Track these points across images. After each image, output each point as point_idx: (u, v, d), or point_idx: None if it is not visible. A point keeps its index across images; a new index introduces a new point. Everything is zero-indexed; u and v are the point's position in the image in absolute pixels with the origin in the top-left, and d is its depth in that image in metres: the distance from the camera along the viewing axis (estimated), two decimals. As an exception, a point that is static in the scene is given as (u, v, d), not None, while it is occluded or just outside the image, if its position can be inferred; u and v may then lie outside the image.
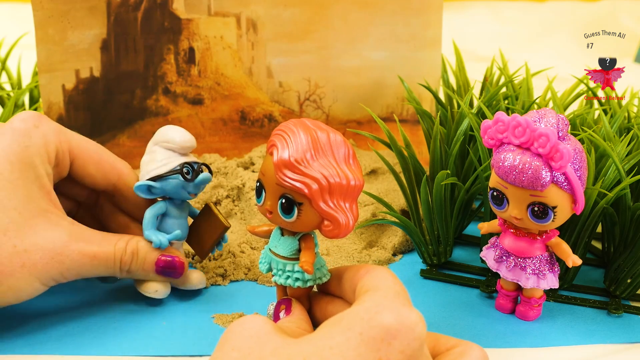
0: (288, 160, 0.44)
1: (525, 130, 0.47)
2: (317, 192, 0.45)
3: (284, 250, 0.49)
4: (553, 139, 0.46)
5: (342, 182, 0.45)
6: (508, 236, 0.53)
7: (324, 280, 0.49)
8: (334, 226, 0.46)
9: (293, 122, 0.46)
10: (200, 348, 0.51)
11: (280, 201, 0.46)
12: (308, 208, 0.45)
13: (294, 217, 0.46)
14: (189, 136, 0.54)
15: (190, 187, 0.53)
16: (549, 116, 0.48)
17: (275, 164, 0.45)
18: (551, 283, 0.53)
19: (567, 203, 0.49)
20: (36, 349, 0.50)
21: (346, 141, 0.47)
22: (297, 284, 0.49)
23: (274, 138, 0.46)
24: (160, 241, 0.53)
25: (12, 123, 0.51)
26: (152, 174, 0.53)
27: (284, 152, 0.45)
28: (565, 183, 0.48)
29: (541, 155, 0.47)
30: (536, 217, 0.49)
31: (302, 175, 0.44)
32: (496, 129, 0.49)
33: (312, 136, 0.45)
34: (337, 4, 0.73)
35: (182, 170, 0.52)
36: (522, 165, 0.47)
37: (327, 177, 0.45)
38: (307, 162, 0.45)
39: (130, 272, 0.53)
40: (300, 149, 0.45)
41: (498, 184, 0.50)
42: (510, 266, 0.53)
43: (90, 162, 0.54)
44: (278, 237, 0.49)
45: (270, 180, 0.46)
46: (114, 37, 0.71)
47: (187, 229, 0.56)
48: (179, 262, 0.54)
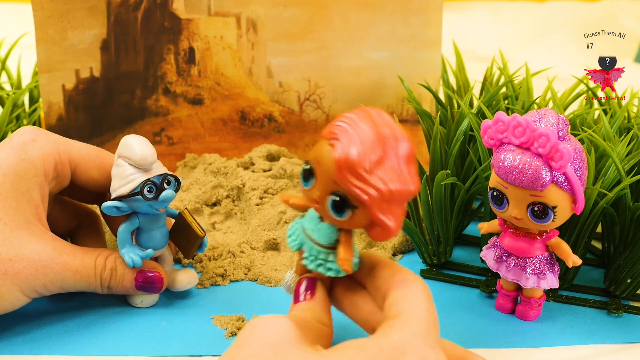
0: (352, 161, 0.40)
1: (525, 130, 0.47)
2: (377, 200, 0.41)
3: (321, 237, 0.45)
4: (553, 139, 0.46)
5: (402, 188, 0.41)
6: (508, 236, 0.53)
7: (356, 269, 0.46)
8: (384, 231, 0.43)
9: (359, 115, 0.42)
10: (200, 348, 0.51)
11: (333, 198, 0.42)
12: (362, 212, 0.42)
13: (345, 218, 0.42)
14: (149, 150, 0.51)
15: (155, 204, 0.52)
16: (549, 116, 0.48)
17: (336, 161, 0.41)
18: (551, 283, 0.53)
19: (567, 203, 0.49)
20: (36, 349, 0.50)
21: (409, 138, 0.43)
22: (330, 273, 0.45)
23: (337, 129, 0.42)
24: (133, 260, 0.53)
25: (12, 139, 0.52)
26: (118, 192, 0.52)
27: (349, 150, 0.41)
28: (565, 183, 0.48)
29: (541, 155, 0.47)
30: (536, 217, 0.49)
31: (364, 182, 0.41)
32: (496, 128, 0.49)
33: (378, 134, 0.41)
34: (337, 4, 0.73)
35: (143, 190, 0.51)
36: (522, 165, 0.47)
37: (389, 184, 0.41)
38: (372, 166, 0.41)
39: (110, 289, 0.53)
40: (366, 149, 0.41)
41: (498, 184, 0.50)
42: (510, 266, 0.53)
43: (92, 167, 0.54)
44: (317, 221, 0.45)
45: (325, 172, 0.42)
46: (114, 37, 0.71)
47: (164, 237, 0.55)
48: (158, 277, 0.54)
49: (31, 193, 0.51)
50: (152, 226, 0.54)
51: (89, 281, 0.52)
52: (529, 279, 0.52)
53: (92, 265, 0.52)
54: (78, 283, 0.52)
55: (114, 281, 0.53)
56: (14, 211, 0.50)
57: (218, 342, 0.52)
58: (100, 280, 0.52)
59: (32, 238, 0.50)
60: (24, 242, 0.50)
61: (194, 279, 0.57)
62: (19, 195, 0.50)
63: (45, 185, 0.52)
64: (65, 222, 0.58)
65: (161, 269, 0.55)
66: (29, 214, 0.51)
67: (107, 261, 0.53)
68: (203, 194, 0.68)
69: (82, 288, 0.52)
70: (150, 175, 0.52)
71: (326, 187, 0.42)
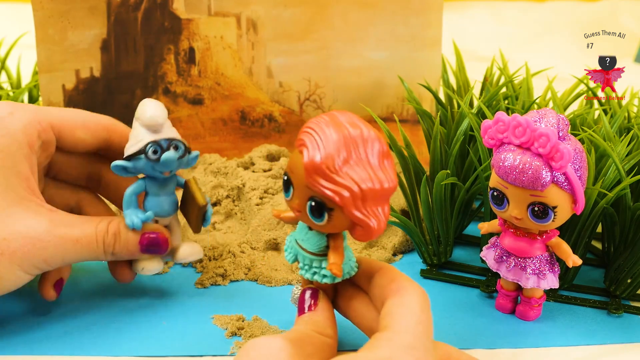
0: (319, 165, 0.41)
1: (526, 130, 0.47)
2: (349, 200, 0.42)
3: (311, 245, 0.46)
4: (553, 139, 0.46)
5: (375, 186, 0.42)
6: (508, 236, 0.53)
7: (352, 274, 0.47)
8: (365, 231, 0.43)
9: (324, 119, 0.43)
10: (200, 348, 0.51)
11: (310, 204, 0.43)
12: (339, 213, 0.43)
13: (324, 222, 0.43)
14: (159, 111, 0.51)
15: (157, 166, 0.51)
16: (549, 116, 0.48)
17: (305, 167, 0.42)
18: (551, 283, 0.53)
19: (568, 203, 0.49)
20: (36, 349, 0.50)
21: (380, 137, 0.43)
22: (325, 280, 0.46)
23: (304, 136, 0.43)
24: (132, 222, 0.52)
25: None
26: (126, 152, 0.52)
27: (315, 154, 0.41)
28: (565, 183, 0.48)
29: (541, 155, 0.47)
30: (536, 217, 0.49)
31: (333, 183, 0.41)
32: (496, 128, 0.49)
33: (344, 136, 0.42)
34: (337, 4, 0.73)
35: (146, 150, 0.51)
36: (522, 165, 0.47)
37: (360, 184, 0.41)
38: (339, 167, 0.41)
39: (114, 254, 0.52)
40: (331, 152, 0.41)
41: (498, 184, 0.50)
42: (510, 266, 0.53)
43: (76, 128, 0.53)
44: (305, 230, 0.46)
45: (299, 179, 0.43)
46: (114, 37, 0.71)
47: (171, 204, 0.54)
48: (162, 238, 0.53)
49: (19, 167, 0.50)
50: (159, 192, 0.53)
51: (91, 248, 0.51)
52: (529, 279, 0.52)
53: (92, 233, 0.51)
54: (79, 253, 0.50)
55: (118, 246, 0.52)
56: (4, 188, 0.49)
57: (218, 342, 0.52)
58: (103, 246, 0.51)
59: (27, 214, 0.49)
60: (18, 219, 0.49)
61: (197, 252, 0.56)
62: (6, 171, 0.49)
63: (33, 156, 0.51)
64: (62, 200, 0.57)
65: (164, 230, 0.53)
66: (20, 189, 0.49)
67: (110, 226, 0.52)
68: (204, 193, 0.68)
69: (85, 258, 0.51)
70: (158, 137, 0.51)
71: (303, 194, 0.43)
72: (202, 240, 0.64)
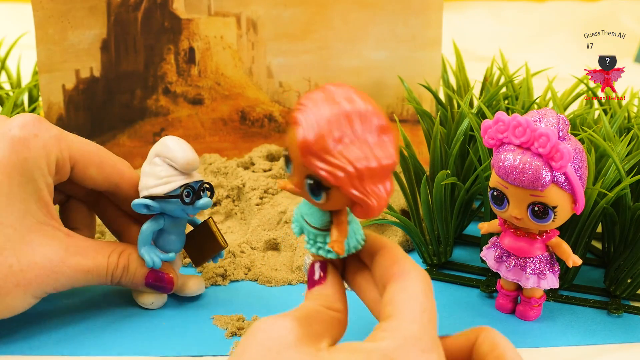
0: (311, 145, 0.40)
1: (526, 130, 0.47)
2: (345, 180, 0.40)
3: (315, 220, 0.45)
4: (553, 139, 0.46)
5: (371, 165, 0.40)
6: (508, 236, 0.53)
7: (359, 248, 0.45)
8: (365, 209, 0.41)
9: (319, 95, 0.41)
10: (200, 348, 0.51)
11: (307, 182, 0.42)
12: (337, 192, 0.41)
13: (322, 200, 0.42)
14: (193, 155, 0.51)
15: (189, 209, 0.52)
16: (549, 116, 0.48)
17: (299, 146, 0.40)
18: (551, 283, 0.53)
19: (568, 203, 0.49)
20: (36, 350, 0.50)
21: (378, 110, 0.41)
22: (330, 255, 0.45)
23: (297, 113, 0.41)
24: (153, 261, 0.53)
25: (11, 130, 0.49)
26: (152, 192, 0.51)
27: (307, 133, 0.40)
28: (565, 183, 0.48)
29: (541, 155, 0.47)
30: (536, 217, 0.49)
31: (327, 163, 0.40)
32: (496, 128, 0.49)
33: (338, 112, 0.40)
34: (337, 4, 0.73)
35: (182, 194, 0.51)
36: (522, 165, 0.47)
37: (355, 163, 0.40)
38: (333, 146, 0.40)
39: (120, 284, 0.53)
40: (324, 131, 0.40)
41: (498, 184, 0.50)
42: (510, 266, 0.53)
43: (91, 165, 0.53)
44: (310, 205, 0.45)
45: (296, 156, 0.41)
46: (114, 37, 0.71)
47: (180, 242, 0.55)
48: (169, 279, 0.54)
49: (39, 193, 0.50)
50: (174, 230, 0.54)
51: (100, 279, 0.52)
52: (529, 279, 0.52)
53: (104, 265, 0.52)
54: (89, 281, 0.52)
55: (125, 278, 0.53)
56: (23, 214, 0.49)
57: (218, 342, 0.52)
58: (111, 277, 0.52)
59: (44, 240, 0.50)
60: (35, 247, 0.49)
61: (203, 287, 0.57)
62: (28, 196, 0.49)
63: (51, 181, 0.51)
64: None
65: (173, 271, 0.54)
66: (39, 214, 0.50)
67: (120, 258, 0.52)
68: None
69: (93, 284, 0.52)
70: (190, 180, 0.51)
71: (301, 172, 0.42)
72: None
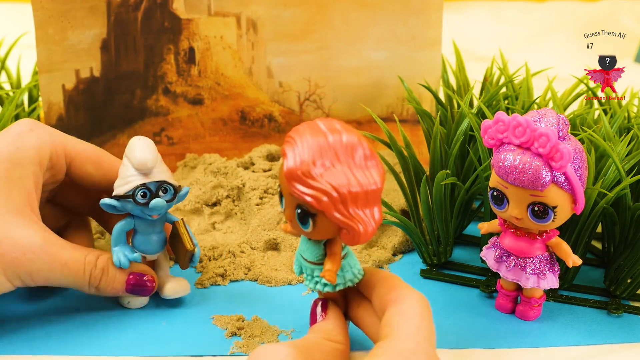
0: (295, 171, 0.42)
1: (526, 130, 0.48)
2: (328, 204, 0.42)
3: (310, 255, 0.47)
4: (553, 139, 0.46)
5: (354, 190, 0.42)
6: (508, 236, 0.53)
7: (356, 281, 0.48)
8: (352, 234, 0.43)
9: (303, 127, 0.44)
10: (200, 348, 0.51)
11: (296, 211, 0.44)
12: (323, 218, 0.43)
13: (310, 228, 0.44)
14: (150, 156, 0.51)
15: (146, 210, 0.51)
16: (549, 116, 0.48)
17: (285, 174, 0.43)
18: (551, 283, 0.53)
19: (567, 203, 0.49)
20: (36, 349, 0.50)
21: (362, 141, 0.44)
22: (327, 289, 0.47)
23: (285, 145, 0.44)
24: (120, 261, 0.52)
25: (10, 128, 0.52)
26: (115, 191, 0.52)
27: (292, 161, 0.42)
28: (565, 183, 0.48)
29: (541, 155, 0.47)
30: (536, 217, 0.49)
31: (310, 188, 0.42)
32: (496, 128, 0.49)
33: (321, 142, 0.43)
34: (337, 4, 0.73)
35: (135, 195, 0.51)
36: (522, 165, 0.47)
37: (338, 188, 0.42)
38: (318, 173, 0.42)
39: (99, 289, 0.53)
40: (307, 158, 0.42)
41: (498, 184, 0.50)
42: (510, 266, 0.53)
43: (88, 163, 0.54)
44: (305, 241, 0.47)
45: (284, 188, 0.44)
46: (114, 37, 0.71)
47: (159, 242, 0.55)
48: (150, 281, 0.54)
49: (24, 181, 0.51)
50: (148, 230, 0.54)
51: (77, 277, 0.51)
52: (529, 279, 0.52)
53: (81, 261, 0.51)
54: (65, 277, 0.51)
55: (104, 282, 0.52)
56: (5, 197, 0.50)
57: (218, 342, 0.52)
58: (89, 278, 0.52)
59: (23, 224, 0.50)
60: (14, 226, 0.49)
61: (184, 289, 0.55)
62: (11, 182, 0.50)
63: (40, 174, 0.52)
64: (53, 221, 0.58)
65: (152, 273, 0.54)
66: (20, 201, 0.50)
67: (99, 260, 0.52)
68: (203, 194, 0.68)
69: (69, 284, 0.51)
70: (147, 180, 0.51)
71: (290, 203, 0.45)
72: (202, 240, 0.64)
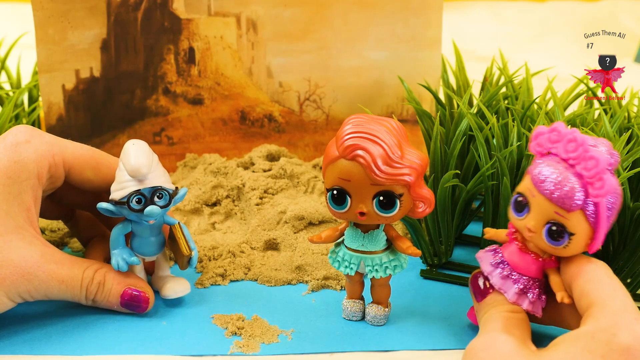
0: (386, 156, 0.46)
1: (579, 147, 0.45)
2: (415, 177, 0.47)
3: (376, 245, 0.51)
4: (601, 166, 0.44)
5: (423, 163, 0.48)
6: (512, 247, 0.50)
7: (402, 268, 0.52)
8: (427, 204, 0.49)
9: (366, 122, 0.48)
10: (200, 348, 0.51)
11: (378, 199, 0.47)
12: (407, 197, 0.48)
13: (397, 210, 0.48)
14: (143, 162, 0.51)
15: (142, 216, 0.51)
16: (604, 146, 0.47)
17: (373, 164, 0.46)
18: (534, 308, 0.49)
19: (586, 236, 0.47)
20: (36, 349, 0.50)
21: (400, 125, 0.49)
22: (397, 270, 0.51)
23: (358, 142, 0.47)
24: (118, 265, 0.53)
25: (6, 138, 0.51)
26: (111, 196, 0.52)
27: (380, 150, 0.46)
28: (593, 215, 0.46)
29: (583, 177, 0.45)
30: (550, 236, 0.47)
31: (402, 166, 0.47)
32: (549, 137, 0.47)
33: (387, 127, 0.47)
34: (337, 4, 0.73)
35: (129, 202, 0.50)
36: (561, 179, 0.46)
37: (416, 161, 0.47)
38: (400, 152, 0.47)
39: (95, 302, 0.53)
40: (390, 143, 0.47)
41: (527, 190, 0.48)
42: (502, 274, 0.51)
43: (87, 168, 0.54)
44: (361, 236, 0.51)
45: (359, 184, 0.47)
46: (114, 37, 0.71)
47: (158, 244, 0.55)
48: (144, 298, 0.53)
49: (23, 196, 0.50)
50: (146, 233, 0.54)
51: (74, 292, 0.52)
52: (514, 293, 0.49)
53: (79, 277, 0.52)
54: (63, 293, 0.51)
55: (99, 295, 0.53)
56: (5, 215, 0.50)
57: (218, 342, 0.52)
58: (85, 292, 0.52)
59: (21, 243, 0.50)
60: (13, 247, 0.50)
61: (184, 289, 0.55)
62: (11, 198, 0.50)
63: (38, 188, 0.52)
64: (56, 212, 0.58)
65: (149, 290, 0.54)
66: (19, 218, 0.50)
67: (96, 274, 0.52)
68: (203, 194, 0.68)
69: (67, 298, 0.52)
70: (142, 186, 0.51)
71: (366, 196, 0.47)
72: (202, 240, 0.64)
